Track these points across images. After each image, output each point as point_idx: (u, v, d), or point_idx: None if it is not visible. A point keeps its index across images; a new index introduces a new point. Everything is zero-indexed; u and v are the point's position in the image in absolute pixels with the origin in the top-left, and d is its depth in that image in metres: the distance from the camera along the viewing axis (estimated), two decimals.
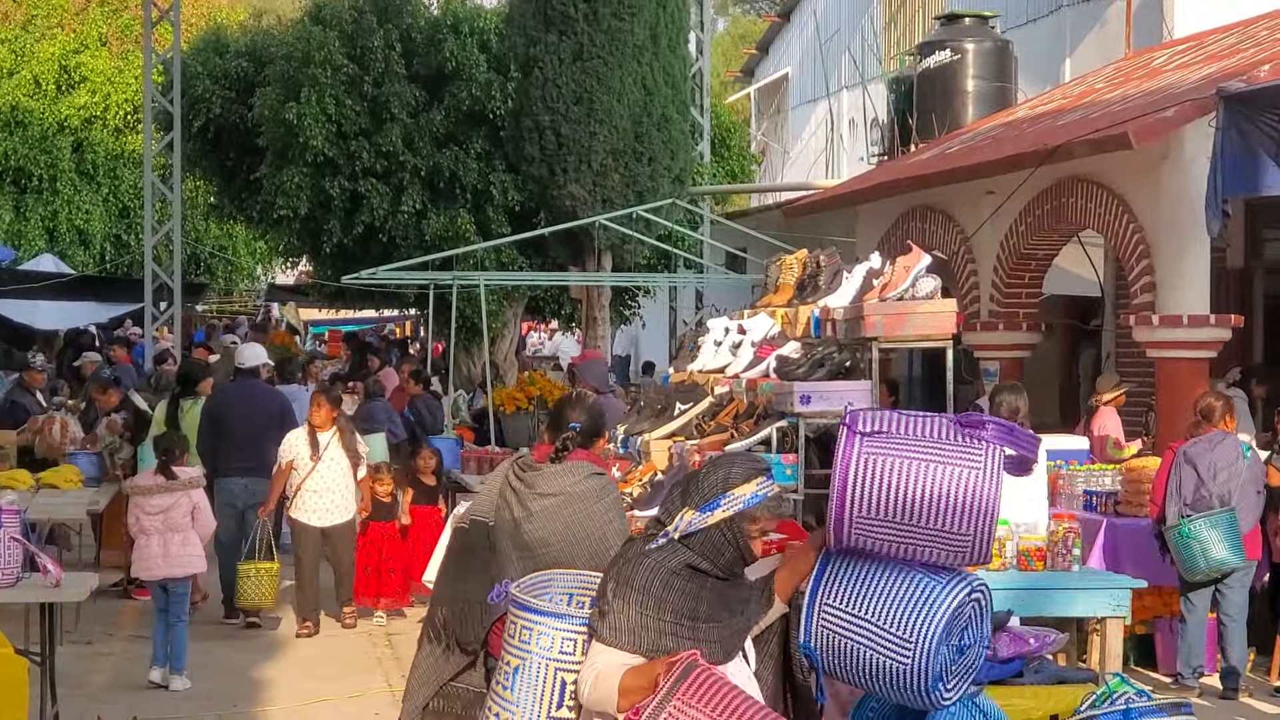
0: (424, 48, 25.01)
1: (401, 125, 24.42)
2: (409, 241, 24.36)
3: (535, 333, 45.05)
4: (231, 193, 27.97)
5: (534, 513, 6.85)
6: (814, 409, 8.60)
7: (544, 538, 6.80)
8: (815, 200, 21.43)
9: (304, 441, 14.06)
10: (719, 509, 5.30)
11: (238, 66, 26.50)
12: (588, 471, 6.95)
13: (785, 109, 38.02)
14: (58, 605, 10.01)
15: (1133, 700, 5.94)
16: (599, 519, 6.83)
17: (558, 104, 20.97)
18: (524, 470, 7.00)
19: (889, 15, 30.52)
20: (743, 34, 61.45)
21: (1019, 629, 7.35)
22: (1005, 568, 9.41)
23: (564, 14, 20.95)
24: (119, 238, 37.44)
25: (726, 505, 5.30)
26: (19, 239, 35.38)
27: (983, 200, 16.68)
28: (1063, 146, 14.47)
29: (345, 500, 14.23)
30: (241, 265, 40.77)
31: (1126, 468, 12.74)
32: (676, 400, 11.07)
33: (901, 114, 22.32)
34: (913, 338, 8.48)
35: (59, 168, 36.17)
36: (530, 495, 6.88)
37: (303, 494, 14.06)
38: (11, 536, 9.19)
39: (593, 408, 7.43)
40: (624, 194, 21.10)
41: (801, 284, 10.64)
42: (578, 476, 6.90)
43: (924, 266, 8.52)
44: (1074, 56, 23.09)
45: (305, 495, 14.07)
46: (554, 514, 6.83)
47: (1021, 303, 16.82)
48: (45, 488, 14.87)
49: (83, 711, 10.72)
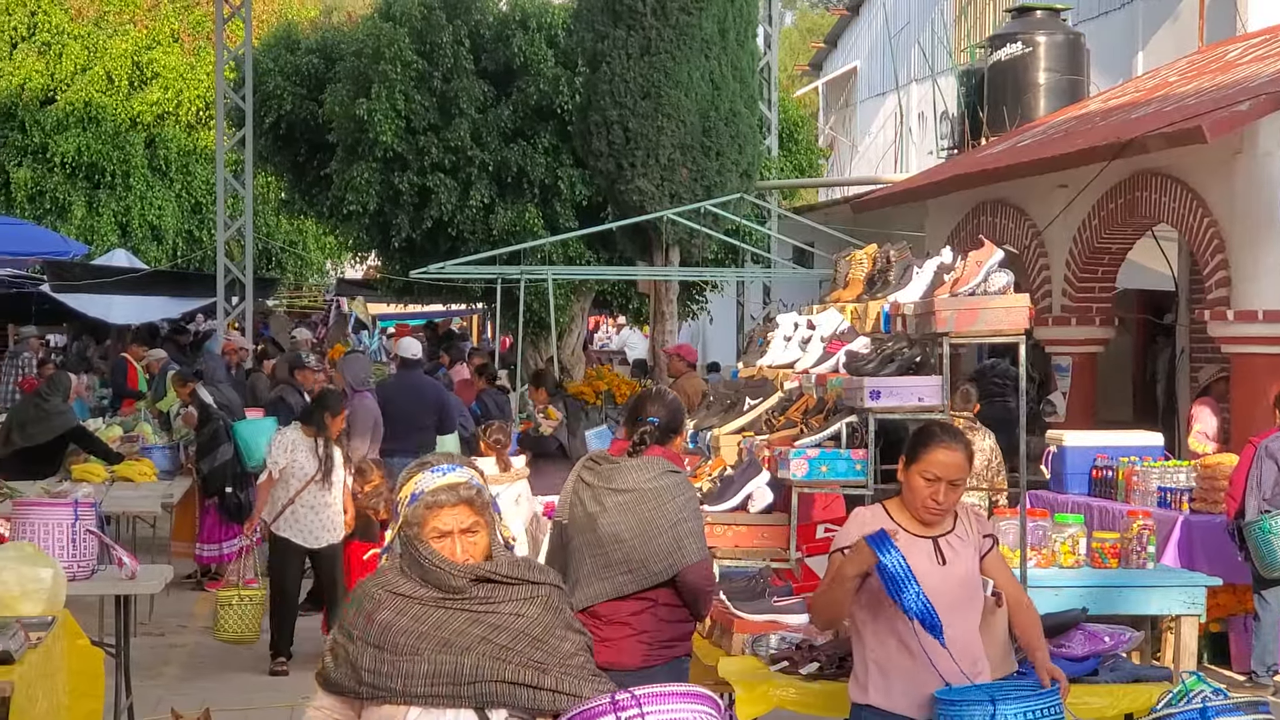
0: (492, 43, 25.11)
1: (470, 120, 24.51)
2: (477, 236, 24.46)
3: (603, 327, 45.07)
4: (302, 188, 28.15)
5: (607, 508, 6.81)
6: (884, 404, 8.55)
7: (617, 533, 6.78)
8: (884, 194, 21.35)
9: (307, 450, 12.36)
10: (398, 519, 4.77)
11: (309, 63, 26.65)
12: (663, 468, 6.90)
13: (853, 103, 37.88)
14: (133, 597, 10.07)
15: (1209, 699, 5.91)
16: (672, 517, 6.79)
17: (625, 99, 20.96)
18: (598, 464, 6.97)
19: (959, 8, 30.37)
20: (811, 27, 61.30)
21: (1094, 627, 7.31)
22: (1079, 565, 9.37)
23: (632, 9, 20.93)
24: (191, 233, 37.66)
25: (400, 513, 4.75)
26: (92, 234, 35.63)
27: (1055, 194, 16.58)
28: (1136, 140, 14.37)
29: (337, 519, 12.51)
30: (311, 260, 40.93)
31: (1202, 464, 12.64)
32: (746, 395, 11.04)
33: (972, 107, 22.19)
34: (984, 333, 8.42)
35: (132, 164, 36.41)
36: (604, 490, 6.85)
37: (296, 509, 12.29)
38: (87, 529, 9.26)
39: (672, 404, 7.38)
40: (692, 189, 21.07)
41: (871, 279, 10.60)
42: (652, 473, 6.86)
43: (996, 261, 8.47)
44: (1147, 50, 22.92)
45: (299, 511, 12.30)
46: (627, 510, 6.79)
47: (1094, 297, 16.71)
48: (120, 480, 14.98)
49: (156, 702, 10.80)
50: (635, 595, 6.88)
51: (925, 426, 6.27)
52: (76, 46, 37.10)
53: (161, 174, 37.25)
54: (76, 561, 9.14)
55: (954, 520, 6.12)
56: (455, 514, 4.69)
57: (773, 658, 7.16)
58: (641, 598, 6.89)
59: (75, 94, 36.40)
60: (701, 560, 6.92)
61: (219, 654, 12.17)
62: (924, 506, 5.99)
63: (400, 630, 4.60)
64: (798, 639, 7.23)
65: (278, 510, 12.31)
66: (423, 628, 4.60)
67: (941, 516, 6.05)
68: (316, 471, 12.26)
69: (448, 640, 4.58)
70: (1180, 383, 17.89)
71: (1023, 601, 6.32)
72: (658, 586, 6.88)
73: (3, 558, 7.87)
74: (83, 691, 8.14)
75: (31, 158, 36.05)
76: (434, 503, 4.69)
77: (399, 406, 15.21)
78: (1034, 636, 6.25)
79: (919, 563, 5.78)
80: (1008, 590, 6.32)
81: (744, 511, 9.07)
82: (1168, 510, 12.28)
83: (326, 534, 12.41)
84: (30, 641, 7.16)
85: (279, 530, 12.33)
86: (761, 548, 8.98)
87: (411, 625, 4.61)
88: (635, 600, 6.89)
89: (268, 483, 12.50)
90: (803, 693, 6.87)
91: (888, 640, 5.98)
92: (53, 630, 7.55)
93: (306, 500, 12.29)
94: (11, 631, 7.00)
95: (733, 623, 7.48)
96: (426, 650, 4.57)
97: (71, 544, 9.14)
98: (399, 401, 15.33)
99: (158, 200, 36.84)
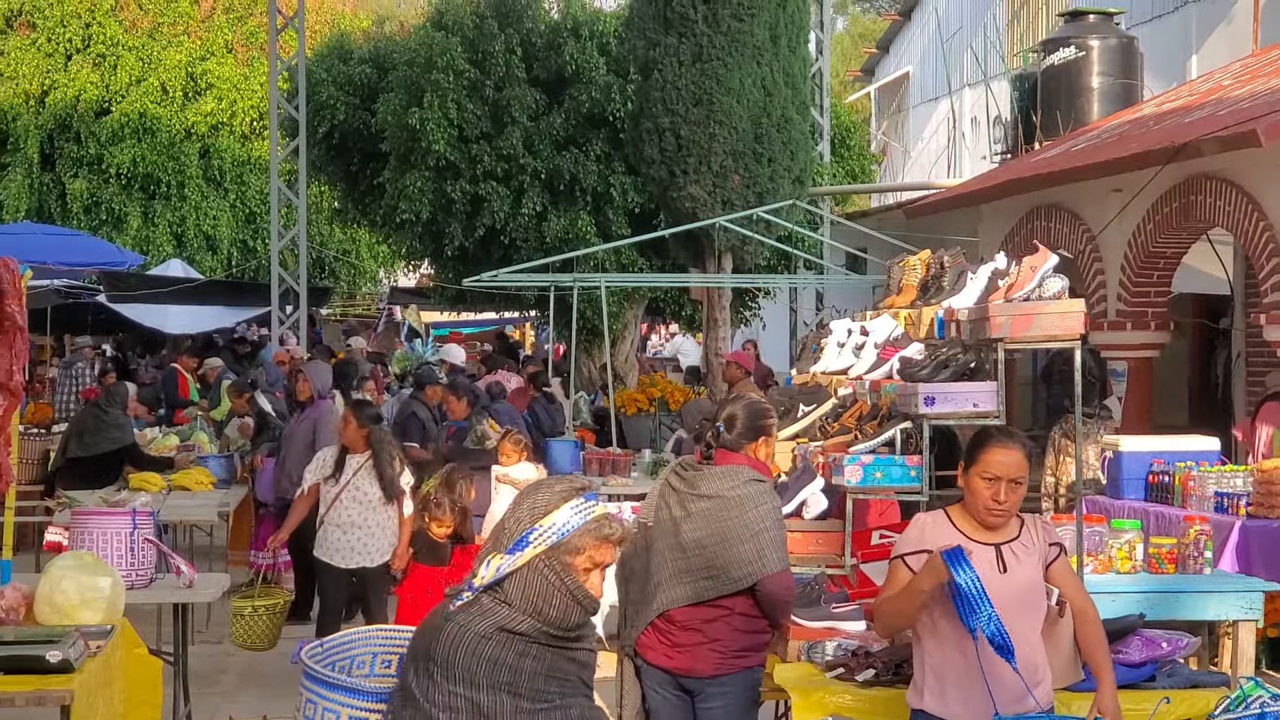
0: (544, 52, 25.16)
1: (522, 128, 24.58)
2: (529, 244, 24.52)
3: (656, 334, 45.09)
4: (355, 197, 28.25)
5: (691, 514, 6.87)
6: (938, 410, 8.53)
7: (699, 539, 6.83)
8: (937, 200, 21.29)
9: (332, 463, 11.87)
10: (529, 545, 4.37)
11: (361, 73, 26.75)
12: (747, 477, 6.92)
13: (906, 108, 37.81)
14: (190, 605, 10.14)
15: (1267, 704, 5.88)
16: (753, 527, 6.81)
17: (677, 106, 20.96)
18: (685, 470, 7.02)
19: (1012, 12, 30.27)
20: (863, 33, 61.20)
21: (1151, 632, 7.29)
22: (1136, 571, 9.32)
23: (683, 16, 20.93)
24: (245, 243, 37.86)
25: (537, 539, 4.37)
26: (148, 245, 35.88)
27: (1109, 198, 16.51)
28: (1190, 144, 14.29)
29: (378, 539, 11.80)
30: (365, 269, 41.10)
31: (1259, 469, 12.55)
32: (800, 402, 11.04)
33: (1025, 111, 22.11)
34: (1039, 338, 8.39)
35: (186, 174, 36.65)
36: (689, 496, 6.90)
37: (326, 528, 11.81)
38: (145, 538, 9.32)
39: (749, 407, 7.37)
40: (744, 195, 21.05)
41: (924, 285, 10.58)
42: (736, 481, 6.89)
43: (1050, 266, 8.44)
44: (1200, 53, 22.81)
45: (328, 530, 11.80)
46: (710, 516, 6.84)
47: (1150, 301, 16.63)
48: (177, 489, 15.07)
49: (214, 710, 10.87)
50: (712, 603, 6.92)
51: (982, 429, 6.28)
52: (131, 58, 37.36)
53: (216, 184, 37.49)
54: (135, 570, 9.21)
55: (1019, 527, 6.11)
56: (612, 549, 4.51)
57: (828, 664, 7.15)
58: (718, 605, 6.93)
59: (130, 105, 36.66)
60: (783, 570, 6.94)
61: (277, 662, 12.20)
62: (985, 508, 5.99)
63: (533, 674, 4.37)
64: (853, 645, 7.22)
65: (316, 529, 11.87)
66: (545, 670, 4.38)
67: (1004, 518, 6.04)
68: (342, 488, 11.67)
69: (566, 681, 4.42)
70: (1236, 387, 17.79)
71: (1087, 613, 6.29)
72: (735, 595, 6.91)
73: (62, 567, 7.92)
74: (141, 700, 8.19)
75: (87, 169, 36.34)
76: (607, 535, 4.46)
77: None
78: (1097, 657, 6.23)
79: (980, 569, 5.77)
80: (1073, 601, 6.30)
81: (798, 518, 9.06)
82: (1225, 515, 12.19)
83: (360, 555, 11.73)
84: (89, 650, 7.21)
85: (316, 551, 11.88)
86: (816, 554, 8.97)
87: (535, 667, 4.37)
88: (711, 607, 6.93)
89: (301, 500, 12.05)
90: (859, 699, 6.86)
91: (948, 647, 5.97)
92: (111, 639, 7.60)
93: (333, 519, 11.73)
94: (71, 640, 7.05)
95: (788, 629, 7.48)
96: (555, 696, 4.38)
97: (130, 553, 9.21)
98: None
99: (212, 210, 37.07)
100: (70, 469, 15.43)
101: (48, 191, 36.56)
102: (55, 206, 36.32)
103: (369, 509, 11.66)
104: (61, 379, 24.58)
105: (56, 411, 22.32)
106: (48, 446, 17.34)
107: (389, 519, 11.73)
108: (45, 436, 18.29)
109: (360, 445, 11.68)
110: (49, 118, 36.52)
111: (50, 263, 24.55)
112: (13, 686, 6.74)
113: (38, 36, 37.40)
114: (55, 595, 7.73)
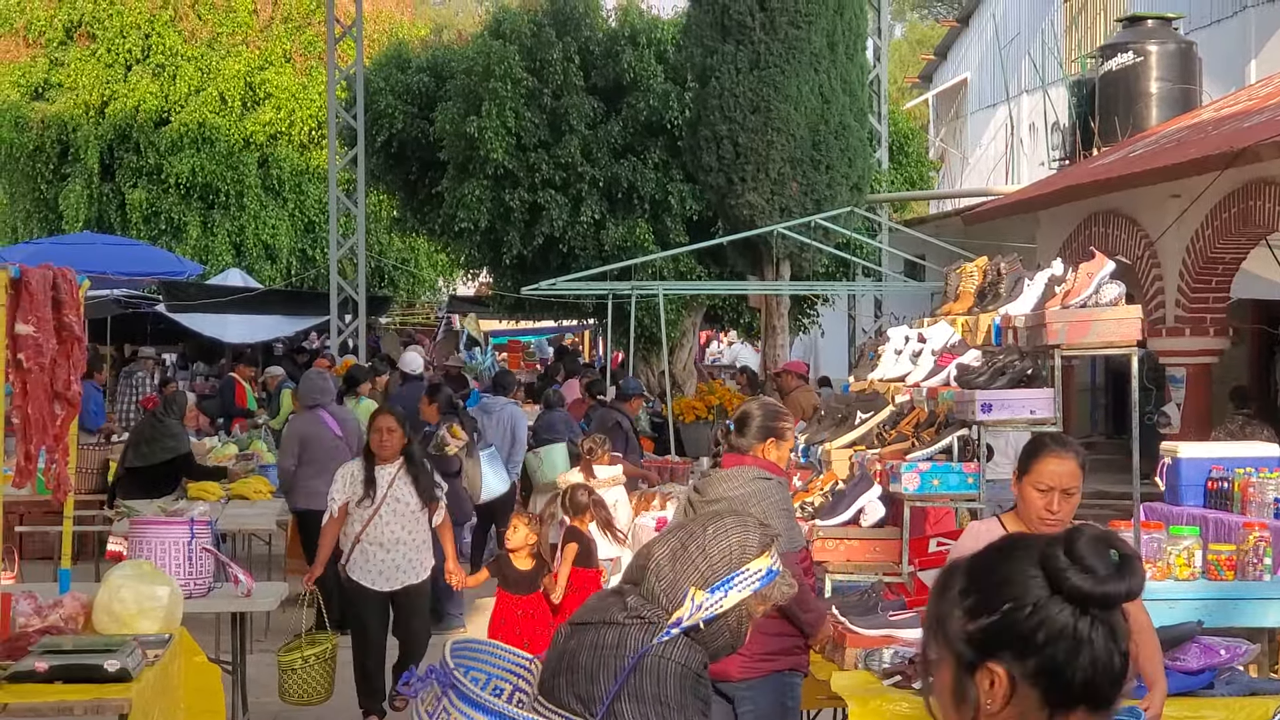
0: (602, 60, 25.20)
1: (580, 136, 24.62)
2: (587, 252, 24.55)
3: (714, 342, 45.05)
4: (414, 206, 28.36)
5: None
6: (995, 417, 8.51)
7: None
8: (995, 206, 21.23)
9: (359, 479, 10.81)
10: (733, 589, 4.19)
11: (419, 82, 26.86)
12: (751, 476, 6.94)
13: (964, 114, 37.70)
14: (248, 614, 10.16)
15: None
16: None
17: (735, 113, 20.95)
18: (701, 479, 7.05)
19: (1070, 18, 30.15)
20: (920, 39, 61.06)
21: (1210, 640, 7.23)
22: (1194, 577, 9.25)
23: (741, 24, 20.93)
24: (304, 252, 38.05)
25: (741, 584, 4.19)
26: (207, 254, 36.10)
27: (1167, 204, 16.42)
28: (1249, 149, 14.21)
29: (422, 552, 10.98)
30: (423, 278, 41.23)
31: None
32: (857, 409, 11.03)
33: (1083, 117, 22.03)
34: (1097, 345, 8.36)
35: (245, 183, 36.86)
36: (700, 502, 6.93)
37: (361, 548, 10.78)
38: (204, 547, 9.38)
39: (763, 407, 7.39)
40: (802, 202, 21.03)
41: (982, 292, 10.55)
42: (742, 481, 6.91)
43: (1108, 273, 8.40)
44: (1260, 58, 22.66)
45: (365, 549, 10.79)
46: None
47: (1209, 307, 16.53)
48: (235, 498, 15.14)
49: (272, 719, 10.89)
50: None
51: (1036, 437, 6.25)
52: (190, 68, 37.60)
53: (275, 193, 37.68)
54: (193, 579, 9.26)
55: None
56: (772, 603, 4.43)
57: (886, 672, 7.13)
58: None
59: (189, 115, 36.88)
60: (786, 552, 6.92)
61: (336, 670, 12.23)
62: (1039, 518, 5.96)
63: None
64: (911, 653, 7.20)
65: (348, 550, 10.86)
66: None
67: (1058, 527, 6.01)
68: (380, 503, 10.77)
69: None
70: None
71: (1141, 622, 6.25)
72: None
73: (120, 576, 7.98)
74: (200, 709, 8.24)
75: (147, 179, 36.60)
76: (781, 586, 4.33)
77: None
78: (1151, 668, 6.18)
79: None
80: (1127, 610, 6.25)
81: (856, 525, 9.06)
82: None
83: (399, 575, 10.86)
84: (148, 659, 7.26)
85: (352, 573, 10.85)
86: (874, 562, 8.96)
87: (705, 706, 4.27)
88: None
89: (331, 525, 10.93)
90: (916, 707, 6.83)
91: None
92: (170, 648, 7.65)
93: (370, 537, 10.76)
94: (129, 649, 7.10)
95: (845, 637, 7.46)
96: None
97: (188, 562, 9.27)
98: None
99: (271, 220, 37.26)
100: (130, 479, 15.50)
101: (107, 201, 36.85)
102: (115, 216, 36.61)
103: (411, 520, 10.85)
104: (122, 388, 24.73)
105: (117, 421, 22.45)
106: (107, 456, 17.43)
107: (427, 530, 10.98)
108: (105, 446, 18.39)
109: (394, 454, 10.82)
110: (109, 128, 36.80)
111: (110, 272, 24.73)
112: (71, 695, 6.80)
113: (97, 47, 37.69)
114: (113, 604, 7.79)
